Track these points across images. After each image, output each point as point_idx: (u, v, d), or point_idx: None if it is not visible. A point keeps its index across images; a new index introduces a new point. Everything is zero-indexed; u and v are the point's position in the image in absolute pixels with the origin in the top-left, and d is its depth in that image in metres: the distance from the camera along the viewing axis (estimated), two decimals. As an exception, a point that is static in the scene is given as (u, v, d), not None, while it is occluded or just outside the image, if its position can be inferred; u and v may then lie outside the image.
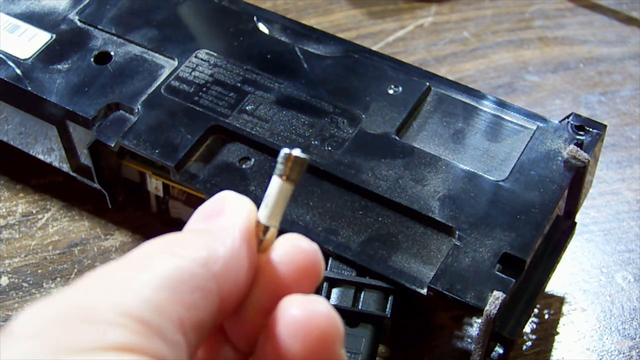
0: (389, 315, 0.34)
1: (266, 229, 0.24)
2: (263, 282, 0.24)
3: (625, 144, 0.49)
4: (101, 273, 0.21)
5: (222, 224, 0.24)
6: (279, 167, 0.24)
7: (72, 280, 0.42)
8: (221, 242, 0.23)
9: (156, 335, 0.20)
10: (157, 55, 0.43)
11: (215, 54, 0.43)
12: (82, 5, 0.45)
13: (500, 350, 0.37)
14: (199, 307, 0.21)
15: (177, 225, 0.42)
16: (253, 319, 0.24)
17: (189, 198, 0.41)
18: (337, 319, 0.23)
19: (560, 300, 0.42)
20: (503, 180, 0.38)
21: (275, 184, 0.24)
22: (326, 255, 0.36)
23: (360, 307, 0.35)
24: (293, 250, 0.24)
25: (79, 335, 0.19)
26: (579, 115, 0.40)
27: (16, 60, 0.42)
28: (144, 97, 0.41)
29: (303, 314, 0.22)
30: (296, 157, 0.23)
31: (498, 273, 0.35)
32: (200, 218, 0.25)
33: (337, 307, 0.34)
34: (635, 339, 0.41)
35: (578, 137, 0.39)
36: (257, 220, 0.24)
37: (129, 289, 0.20)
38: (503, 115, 0.41)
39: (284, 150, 0.24)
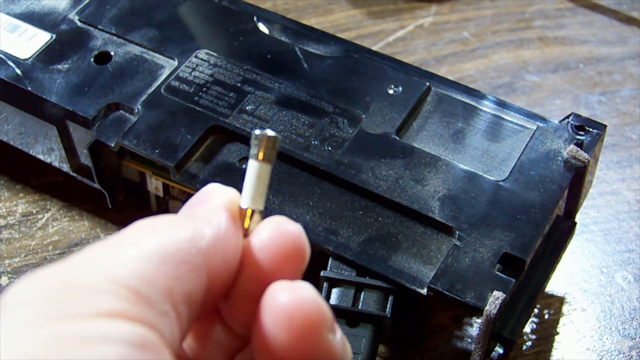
0: (389, 315, 0.34)
1: (251, 213, 0.24)
2: (248, 266, 0.24)
3: (625, 144, 0.49)
4: (89, 250, 0.22)
5: (208, 207, 0.24)
6: (253, 149, 0.24)
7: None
8: (207, 222, 0.23)
9: (145, 303, 0.20)
10: (157, 55, 0.43)
11: (215, 54, 0.43)
12: (82, 5, 0.45)
13: (500, 350, 0.37)
14: (186, 279, 0.22)
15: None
16: (243, 304, 0.24)
17: (189, 198, 0.41)
18: (322, 305, 0.23)
19: (560, 300, 0.42)
20: (503, 180, 0.38)
21: (252, 166, 0.24)
22: (326, 255, 0.36)
23: (360, 307, 0.35)
24: (277, 233, 0.24)
25: (70, 302, 0.19)
26: (579, 115, 0.40)
27: (16, 60, 0.42)
28: (144, 97, 0.41)
29: (288, 300, 0.22)
30: (267, 136, 0.24)
31: (498, 273, 0.35)
32: (187, 207, 0.25)
33: (337, 307, 0.35)
34: (635, 339, 0.41)
35: (578, 137, 0.39)
36: (239, 205, 0.24)
37: (117, 261, 0.21)
38: (503, 115, 0.41)
39: (255, 132, 0.24)
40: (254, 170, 0.24)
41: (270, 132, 0.24)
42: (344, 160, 0.38)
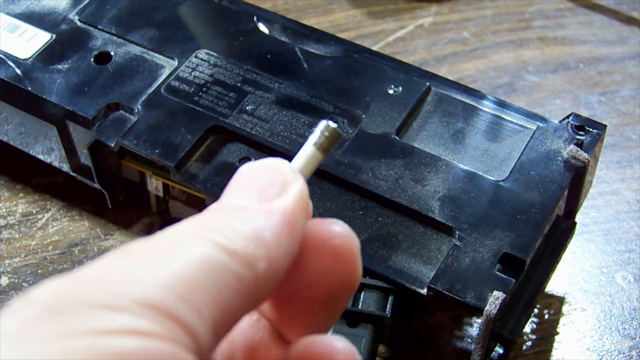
0: (389, 315, 0.34)
1: None
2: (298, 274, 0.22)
3: (625, 144, 0.49)
4: (133, 252, 0.19)
5: (283, 216, 0.21)
6: (315, 136, 0.24)
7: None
8: (277, 243, 0.20)
9: (181, 327, 0.18)
10: (157, 55, 0.43)
11: (215, 54, 0.43)
12: (82, 5, 0.45)
13: (500, 350, 0.37)
14: (233, 308, 0.19)
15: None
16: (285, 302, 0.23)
17: (189, 198, 0.41)
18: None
19: (560, 300, 0.42)
20: (503, 180, 0.38)
21: (308, 150, 0.24)
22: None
23: (360, 307, 0.35)
24: (328, 236, 0.22)
25: (99, 316, 0.18)
26: (579, 115, 0.40)
27: (16, 60, 0.42)
28: (144, 97, 0.41)
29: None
30: (336, 130, 0.24)
31: (498, 273, 0.35)
32: (254, 192, 0.21)
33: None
34: (635, 339, 0.41)
35: (578, 137, 0.39)
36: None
37: (158, 276, 0.18)
38: (503, 115, 0.41)
39: (325, 121, 0.24)
40: (308, 154, 0.24)
41: (338, 129, 0.24)
42: (344, 160, 0.38)
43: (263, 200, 0.21)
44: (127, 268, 0.19)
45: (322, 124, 0.24)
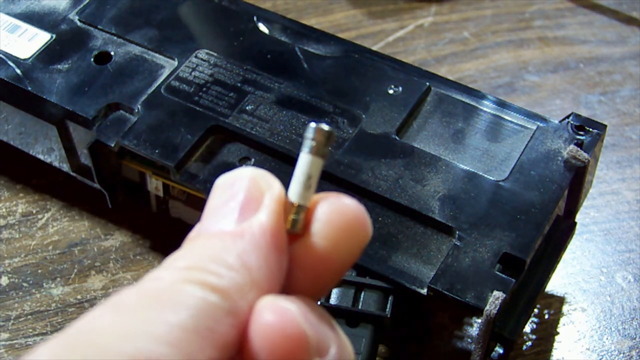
0: (389, 315, 0.34)
1: (299, 207, 0.23)
2: (308, 265, 0.21)
3: (625, 144, 0.49)
4: (123, 304, 0.19)
5: (263, 233, 0.20)
6: (307, 142, 0.23)
7: (72, 280, 0.42)
8: (265, 264, 0.20)
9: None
10: (157, 55, 0.43)
11: (215, 54, 0.43)
12: (82, 5, 0.45)
13: (500, 350, 0.37)
14: (229, 340, 0.19)
15: (177, 225, 0.42)
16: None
17: (189, 198, 0.41)
18: (305, 330, 0.20)
19: (560, 300, 0.42)
20: (503, 180, 0.38)
21: (305, 160, 0.23)
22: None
23: (360, 307, 0.35)
24: (337, 217, 0.21)
25: None
26: (579, 115, 0.40)
27: (16, 60, 0.42)
28: (144, 97, 0.41)
29: (274, 319, 0.20)
30: (324, 130, 0.23)
31: (498, 273, 0.35)
32: (230, 212, 0.21)
33: (337, 307, 0.35)
34: (635, 339, 0.41)
35: (578, 137, 0.39)
36: (288, 200, 0.23)
37: (149, 328, 0.18)
38: (503, 115, 0.41)
39: (311, 125, 0.23)
40: (307, 164, 0.23)
41: (325, 126, 0.23)
42: (344, 160, 0.38)
43: (241, 220, 0.21)
44: (116, 323, 0.18)
45: (309, 128, 0.23)
